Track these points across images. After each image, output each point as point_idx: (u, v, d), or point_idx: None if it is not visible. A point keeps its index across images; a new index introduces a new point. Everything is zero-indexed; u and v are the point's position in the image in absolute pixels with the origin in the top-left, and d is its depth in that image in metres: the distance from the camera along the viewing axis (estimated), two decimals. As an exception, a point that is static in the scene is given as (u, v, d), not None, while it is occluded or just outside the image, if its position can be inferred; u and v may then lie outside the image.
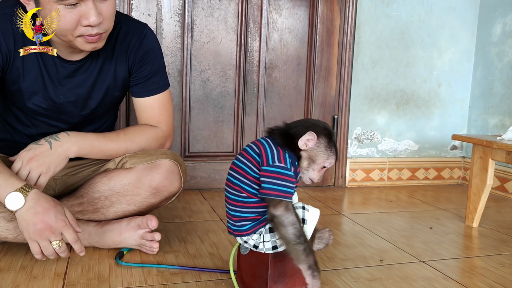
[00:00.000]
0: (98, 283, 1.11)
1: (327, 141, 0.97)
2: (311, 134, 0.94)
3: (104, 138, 1.29)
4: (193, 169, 2.06)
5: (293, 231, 0.90)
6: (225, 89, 2.06)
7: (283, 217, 0.90)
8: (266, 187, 0.91)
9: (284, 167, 0.91)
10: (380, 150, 2.34)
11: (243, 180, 0.95)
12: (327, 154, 0.97)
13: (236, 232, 1.00)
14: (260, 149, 0.94)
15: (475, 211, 1.71)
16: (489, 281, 1.23)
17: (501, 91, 2.26)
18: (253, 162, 0.95)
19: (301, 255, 0.91)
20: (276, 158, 0.92)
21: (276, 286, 1.00)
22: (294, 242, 0.90)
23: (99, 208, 1.30)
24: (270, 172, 0.91)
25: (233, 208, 0.98)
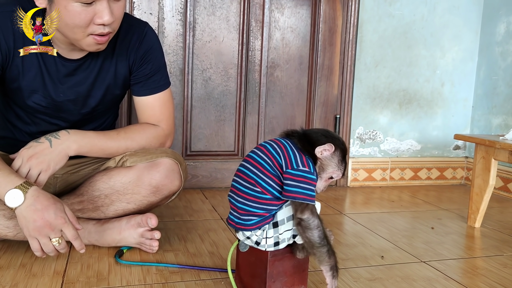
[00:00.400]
0: (97, 281, 1.11)
1: (341, 156, 1.00)
2: (330, 145, 0.97)
3: (104, 136, 1.29)
4: (195, 168, 2.06)
5: (318, 234, 0.93)
6: (227, 88, 2.06)
7: (309, 221, 0.92)
8: (292, 191, 0.92)
9: (309, 171, 0.94)
10: (382, 149, 2.33)
11: (260, 175, 0.95)
12: (338, 167, 0.99)
13: (239, 226, 0.98)
14: (283, 151, 0.96)
15: (477, 211, 1.70)
16: (491, 282, 1.22)
17: (505, 91, 2.25)
18: (273, 161, 0.95)
19: (325, 257, 0.94)
20: (300, 162, 0.94)
21: (275, 285, 1.00)
22: (319, 244, 0.93)
23: (99, 207, 1.30)
24: (295, 176, 0.92)
25: (242, 201, 0.97)
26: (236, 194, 0.99)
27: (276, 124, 2.15)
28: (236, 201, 0.99)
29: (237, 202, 0.98)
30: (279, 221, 0.96)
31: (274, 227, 0.97)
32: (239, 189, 0.98)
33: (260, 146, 1.00)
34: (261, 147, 0.99)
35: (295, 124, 2.18)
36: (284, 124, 2.16)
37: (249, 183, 0.96)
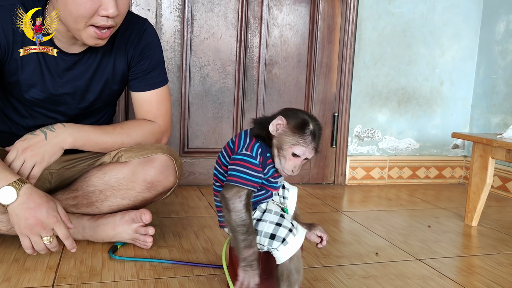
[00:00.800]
0: (90, 276, 1.11)
1: (298, 126, 0.88)
2: (280, 118, 0.89)
3: (100, 131, 1.29)
4: (192, 165, 2.06)
5: (235, 218, 0.88)
6: (225, 85, 2.06)
7: (229, 201, 0.89)
8: (230, 174, 0.90)
9: (249, 154, 0.89)
10: (380, 148, 2.33)
11: (219, 169, 0.96)
12: (294, 139, 0.88)
13: (220, 224, 0.99)
14: (235, 139, 0.95)
15: (474, 210, 1.69)
16: (486, 280, 1.21)
17: (504, 90, 2.24)
18: (228, 151, 0.95)
19: (239, 245, 0.89)
20: (245, 146, 0.91)
21: (267, 282, 0.99)
22: (235, 230, 0.89)
23: (94, 202, 1.29)
24: (234, 160, 0.90)
25: (215, 199, 0.98)
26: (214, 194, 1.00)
27: (274, 122, 2.15)
28: (215, 201, 0.99)
29: (215, 201, 0.99)
30: (257, 231, 0.94)
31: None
32: (213, 189, 0.99)
33: (225, 146, 0.98)
34: (226, 146, 0.98)
35: (293, 122, 2.18)
36: (282, 122, 2.16)
37: (214, 180, 0.97)
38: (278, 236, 0.91)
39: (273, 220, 0.93)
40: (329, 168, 2.26)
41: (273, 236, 0.92)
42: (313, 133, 0.89)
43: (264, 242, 0.93)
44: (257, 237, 0.93)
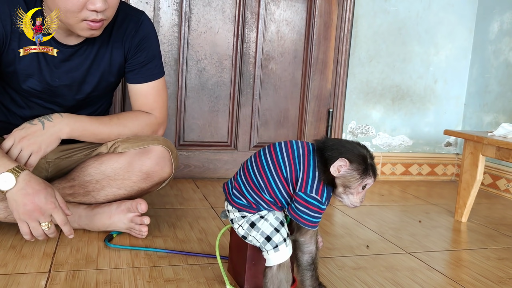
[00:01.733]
0: (86, 263, 1.13)
1: (361, 167, 0.92)
2: (342, 160, 0.90)
3: (97, 121, 1.31)
4: (187, 158, 2.08)
5: (307, 259, 0.97)
6: (221, 79, 2.08)
7: (305, 245, 0.96)
8: (298, 214, 0.93)
9: (320, 200, 0.92)
10: (374, 144, 2.35)
11: (274, 174, 0.94)
12: (361, 179, 0.92)
13: (229, 196, 0.99)
14: (304, 170, 0.93)
15: (464, 206, 1.72)
16: (473, 274, 1.25)
17: (497, 89, 2.27)
18: (292, 172, 0.93)
19: (307, 280, 0.98)
20: (315, 188, 0.92)
21: (255, 267, 1.02)
22: (305, 268, 0.98)
23: (90, 191, 1.31)
24: (305, 202, 0.92)
25: (244, 183, 0.97)
26: (244, 175, 0.97)
27: (269, 116, 2.17)
28: (240, 178, 0.98)
29: (240, 179, 0.98)
30: (256, 226, 0.96)
31: (249, 224, 0.97)
32: (250, 174, 0.96)
33: (288, 148, 0.95)
34: (289, 150, 0.95)
35: (288, 117, 2.20)
36: (277, 117, 2.18)
37: (260, 174, 0.95)
38: (272, 241, 0.94)
39: (273, 224, 0.95)
40: (323, 163, 2.28)
41: (269, 239, 0.95)
42: (372, 166, 0.93)
43: (259, 239, 0.95)
44: (253, 232, 0.96)
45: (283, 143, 0.97)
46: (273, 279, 0.94)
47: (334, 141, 0.95)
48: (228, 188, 1.01)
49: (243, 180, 0.97)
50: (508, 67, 2.21)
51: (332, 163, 0.90)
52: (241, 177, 0.98)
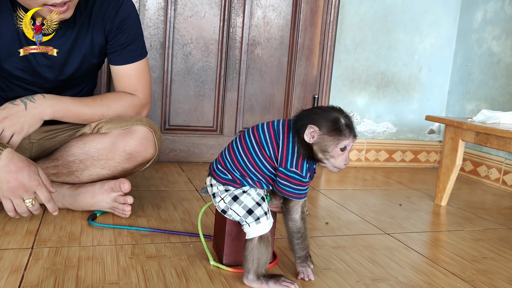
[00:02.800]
0: (69, 240, 1.14)
1: (332, 128, 0.91)
2: (311, 127, 0.92)
3: (80, 102, 1.31)
4: (173, 142, 2.09)
5: (291, 226, 1.01)
6: (207, 64, 2.08)
7: (287, 212, 1.01)
8: (282, 188, 0.97)
9: (300, 174, 0.96)
10: (358, 131, 2.38)
11: (259, 154, 0.97)
12: (335, 139, 0.91)
13: (213, 172, 1.02)
14: (284, 147, 0.96)
15: (444, 190, 1.76)
16: (448, 253, 1.28)
17: (479, 78, 2.31)
18: (275, 151, 0.96)
19: (294, 247, 1.02)
20: (295, 163, 0.95)
21: (234, 243, 1.05)
22: (290, 235, 1.02)
23: (74, 171, 1.32)
24: (287, 176, 0.96)
25: (229, 161, 1.00)
26: (230, 155, 1.00)
27: (255, 102, 2.19)
28: (225, 158, 1.01)
29: (225, 159, 1.01)
30: (239, 200, 0.99)
31: (232, 198, 1.00)
32: (235, 155, 0.99)
33: (270, 128, 0.98)
34: (271, 129, 0.98)
35: (274, 103, 2.22)
36: (263, 102, 2.20)
37: (245, 152, 0.98)
38: (254, 214, 0.98)
39: (255, 198, 0.99)
40: (308, 149, 2.31)
41: (250, 211, 0.98)
42: (347, 126, 0.93)
43: (240, 212, 0.98)
44: (235, 206, 0.98)
45: (265, 124, 1.00)
46: (253, 251, 0.97)
47: (307, 110, 0.97)
48: (212, 165, 1.04)
49: (228, 159, 1.00)
50: (490, 56, 2.24)
51: (304, 131, 0.92)
52: (226, 156, 1.01)
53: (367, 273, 1.10)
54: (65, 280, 0.94)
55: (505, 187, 2.12)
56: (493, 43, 2.23)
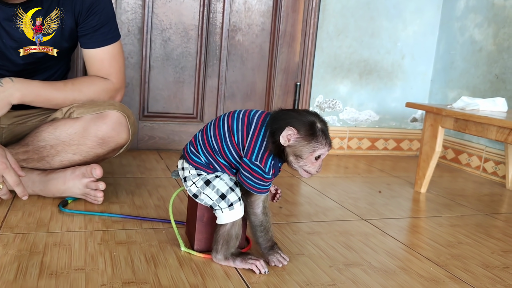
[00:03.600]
0: (37, 227, 1.11)
1: (309, 133, 0.90)
2: (290, 129, 0.89)
3: (50, 86, 1.28)
4: (152, 129, 2.06)
5: (253, 220, 0.98)
6: (187, 50, 2.05)
7: (249, 206, 0.98)
8: (243, 178, 0.95)
9: (262, 169, 0.93)
10: (341, 119, 2.37)
11: (228, 140, 0.95)
12: (311, 146, 0.90)
13: (186, 154, 1.00)
14: (253, 138, 0.93)
15: (423, 177, 1.76)
16: (424, 239, 1.28)
17: (461, 66, 2.30)
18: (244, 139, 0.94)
19: (258, 239, 1.00)
20: (260, 157, 0.93)
21: (205, 228, 1.03)
22: (253, 227, 1.00)
23: (44, 157, 1.29)
24: (249, 168, 0.93)
25: (201, 144, 0.98)
26: (202, 137, 0.98)
27: (236, 89, 2.16)
28: (198, 141, 0.99)
29: (198, 142, 0.99)
30: (211, 184, 0.97)
31: (205, 182, 0.98)
32: (207, 137, 0.97)
33: (245, 117, 0.95)
34: (246, 118, 0.95)
35: (256, 90, 2.19)
36: (244, 89, 2.17)
37: (215, 136, 0.96)
38: (227, 199, 0.96)
39: (228, 183, 0.97)
40: (290, 137, 2.29)
41: (223, 196, 0.96)
42: (323, 132, 0.91)
43: (213, 197, 0.96)
44: (208, 190, 0.97)
45: (242, 111, 0.98)
46: (224, 235, 0.97)
47: (285, 112, 0.94)
48: (186, 147, 1.02)
49: (200, 142, 0.99)
50: (472, 44, 2.24)
51: (280, 133, 0.90)
52: (199, 139, 0.99)
53: (341, 258, 1.09)
54: (29, 266, 0.92)
55: (485, 175, 2.12)
56: (475, 31, 2.22)
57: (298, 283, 0.94)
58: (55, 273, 0.90)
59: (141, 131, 2.03)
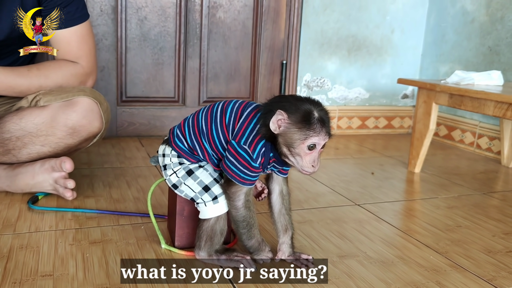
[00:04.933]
0: (2, 227, 1.02)
1: (302, 119, 0.78)
2: (280, 113, 0.78)
3: (12, 72, 1.17)
4: (131, 115, 1.95)
5: (236, 215, 0.87)
6: (165, 29, 1.93)
7: (230, 199, 0.87)
8: (227, 164, 0.84)
9: (250, 155, 0.82)
10: (330, 98, 2.28)
11: (218, 121, 0.86)
12: (303, 133, 0.78)
13: (172, 137, 0.92)
14: (245, 121, 0.84)
15: (417, 156, 1.68)
16: (421, 223, 1.21)
17: (453, 38, 2.21)
18: (236, 121, 0.85)
19: (241, 236, 0.89)
20: (249, 141, 0.82)
21: (185, 223, 0.95)
22: (236, 224, 0.88)
23: (10, 150, 1.18)
24: (236, 152, 0.82)
25: (190, 126, 0.90)
26: (192, 120, 0.90)
27: (219, 69, 2.05)
28: (187, 123, 0.91)
29: (187, 124, 0.90)
30: (194, 175, 0.89)
31: (187, 172, 0.89)
32: (198, 120, 0.89)
33: (242, 105, 0.87)
34: (242, 106, 0.87)
35: (240, 70, 2.09)
36: (228, 70, 2.06)
37: (206, 122, 0.87)
38: (211, 191, 0.88)
39: (212, 174, 0.89)
40: (278, 118, 2.20)
41: (207, 188, 0.88)
42: (320, 120, 0.79)
43: (195, 188, 0.88)
44: (190, 181, 0.88)
45: (240, 100, 0.89)
46: (207, 230, 0.89)
47: (283, 97, 0.84)
48: (173, 129, 0.93)
49: (189, 123, 0.90)
50: (464, 15, 2.15)
51: (271, 117, 0.79)
52: (189, 121, 0.91)
53: (335, 249, 1.01)
54: (-10, 274, 0.82)
55: (479, 151, 2.06)
56: (467, 1, 2.13)
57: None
58: (19, 281, 0.81)
59: (120, 117, 1.93)
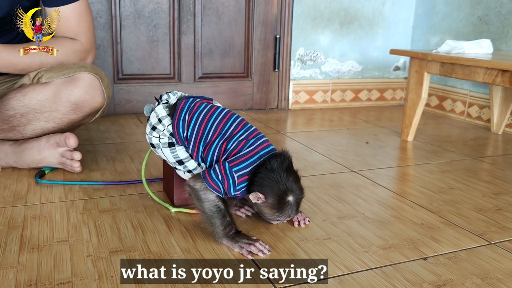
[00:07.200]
0: (14, 200, 1.05)
1: (276, 205, 0.88)
2: (257, 194, 0.87)
3: (14, 50, 1.18)
4: (128, 92, 1.97)
5: (209, 207, 0.87)
6: (158, 6, 1.93)
7: (200, 192, 0.88)
8: (211, 175, 0.86)
9: (235, 184, 0.86)
10: (323, 71, 2.31)
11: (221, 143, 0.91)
12: (275, 216, 0.91)
13: (177, 117, 0.94)
14: (244, 156, 0.88)
15: (410, 125, 1.73)
16: (415, 186, 1.26)
17: (443, 9, 2.24)
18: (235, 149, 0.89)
19: (219, 228, 0.87)
20: (241, 173, 0.87)
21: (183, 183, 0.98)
22: (211, 216, 0.88)
23: (15, 126, 1.21)
24: (225, 173, 0.86)
25: (195, 129, 0.93)
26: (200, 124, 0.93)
27: (213, 45, 2.07)
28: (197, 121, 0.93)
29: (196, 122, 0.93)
30: (173, 148, 0.95)
31: (168, 144, 0.95)
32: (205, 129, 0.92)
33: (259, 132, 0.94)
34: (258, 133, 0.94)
35: (234, 45, 2.10)
36: (222, 45, 2.08)
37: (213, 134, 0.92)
38: (185, 166, 0.94)
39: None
40: (272, 93, 2.23)
41: (181, 163, 0.95)
42: (293, 205, 0.89)
43: (171, 160, 0.95)
44: (167, 151, 0.95)
45: (251, 129, 0.93)
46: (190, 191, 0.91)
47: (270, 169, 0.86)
48: (183, 106, 0.95)
49: (197, 124, 0.92)
50: (454, -15, 2.17)
51: (253, 189, 0.87)
52: (198, 121, 0.93)
53: (334, 211, 1.06)
54: (8, 241, 0.86)
55: (470, 120, 2.11)
56: (457, -29, 2.15)
57: (292, 239, 0.92)
58: (37, 246, 0.85)
59: (117, 95, 1.95)
